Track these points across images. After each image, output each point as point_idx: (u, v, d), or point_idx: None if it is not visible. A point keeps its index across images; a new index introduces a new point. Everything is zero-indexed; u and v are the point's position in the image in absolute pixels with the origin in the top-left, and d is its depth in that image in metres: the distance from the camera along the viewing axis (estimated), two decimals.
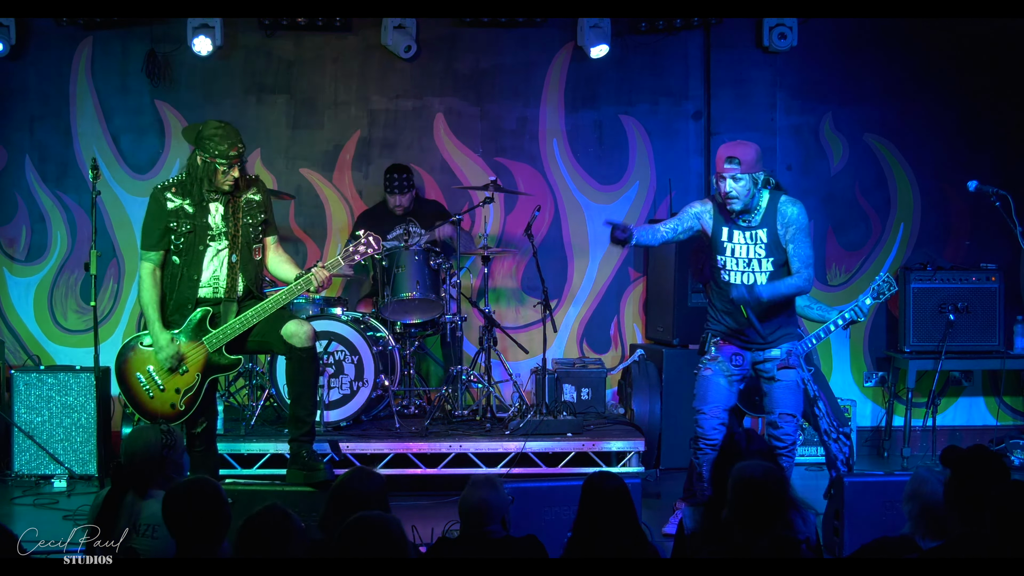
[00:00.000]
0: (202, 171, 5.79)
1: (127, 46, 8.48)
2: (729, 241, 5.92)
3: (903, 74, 8.66)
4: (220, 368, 5.93)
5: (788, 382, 5.97)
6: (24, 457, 7.50)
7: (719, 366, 6.00)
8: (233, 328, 5.84)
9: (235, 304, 5.88)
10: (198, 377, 5.89)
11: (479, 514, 4.28)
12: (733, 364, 5.99)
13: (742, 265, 5.91)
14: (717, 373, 5.99)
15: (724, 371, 5.99)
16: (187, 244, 5.85)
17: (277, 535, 3.57)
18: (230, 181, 5.80)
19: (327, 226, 8.69)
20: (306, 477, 5.79)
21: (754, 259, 5.89)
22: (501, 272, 8.73)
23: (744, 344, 5.99)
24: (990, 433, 8.31)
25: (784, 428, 5.97)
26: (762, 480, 3.93)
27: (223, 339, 5.85)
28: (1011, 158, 8.53)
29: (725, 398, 5.98)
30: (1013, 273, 8.50)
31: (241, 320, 5.83)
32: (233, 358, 5.91)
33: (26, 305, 8.52)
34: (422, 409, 7.95)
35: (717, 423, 5.96)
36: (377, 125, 8.71)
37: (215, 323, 5.87)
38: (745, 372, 6.05)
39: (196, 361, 5.87)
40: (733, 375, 6.00)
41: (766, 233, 5.88)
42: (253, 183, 6.01)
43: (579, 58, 8.60)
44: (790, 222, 5.85)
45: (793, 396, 5.98)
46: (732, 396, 6.02)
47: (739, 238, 5.90)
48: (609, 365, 8.51)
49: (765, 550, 3.79)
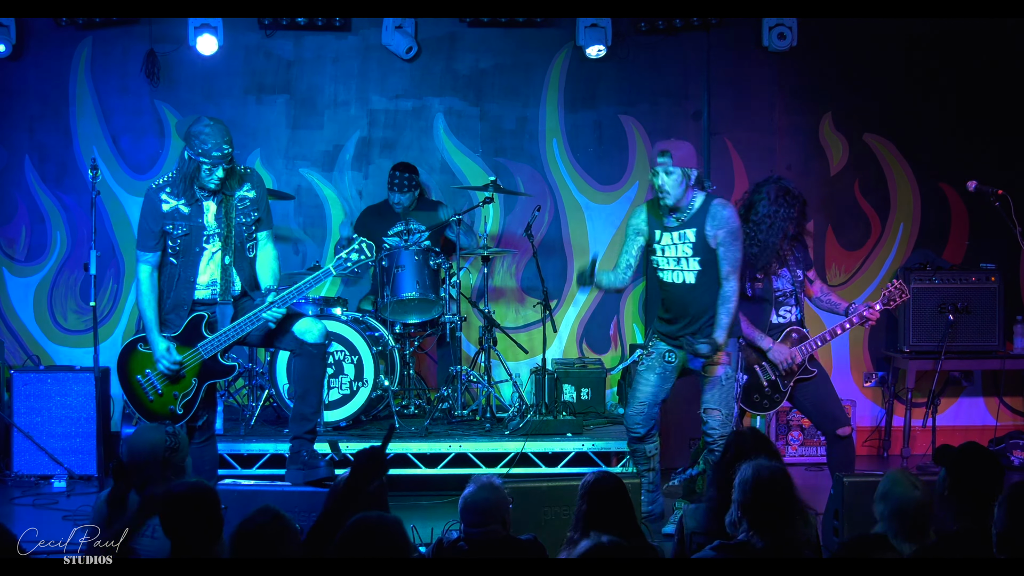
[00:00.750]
0: (188, 167, 5.73)
1: (127, 46, 8.48)
2: (658, 242, 6.14)
3: (903, 74, 8.65)
4: (216, 374, 5.92)
5: (713, 378, 6.09)
6: (24, 457, 7.50)
7: (651, 361, 6.26)
8: (227, 336, 5.83)
9: (231, 307, 5.87)
10: (194, 382, 5.88)
11: (479, 513, 4.28)
12: (666, 360, 6.23)
13: (672, 264, 6.13)
14: (649, 369, 6.25)
15: (657, 367, 6.24)
16: (184, 246, 5.82)
17: (271, 537, 3.57)
18: (215, 181, 5.72)
19: (326, 226, 8.69)
20: (306, 476, 5.79)
21: (682, 257, 6.09)
22: (501, 272, 8.73)
23: (675, 344, 6.20)
24: (990, 433, 8.30)
25: (709, 423, 6.12)
26: (772, 480, 3.93)
27: (218, 346, 5.84)
28: (1011, 158, 8.52)
29: (654, 393, 6.23)
30: (1013, 273, 8.51)
31: (235, 327, 5.82)
32: (228, 364, 5.90)
33: (26, 305, 8.52)
34: (422, 409, 7.95)
35: (642, 417, 6.23)
36: (377, 125, 8.71)
37: (212, 328, 5.85)
38: (679, 367, 6.27)
39: (192, 366, 5.86)
40: (667, 371, 6.24)
41: (694, 233, 6.06)
42: (247, 178, 5.92)
43: (579, 58, 8.60)
44: (721, 223, 6.01)
45: (719, 391, 6.09)
46: (663, 391, 6.26)
47: (667, 239, 6.11)
48: (609, 365, 8.51)
49: (772, 550, 3.79)
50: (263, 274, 5.95)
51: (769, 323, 6.50)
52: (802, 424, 8.13)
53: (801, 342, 6.47)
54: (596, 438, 7.40)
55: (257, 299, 5.84)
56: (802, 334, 6.49)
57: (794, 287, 6.55)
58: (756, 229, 6.33)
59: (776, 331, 6.49)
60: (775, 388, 6.51)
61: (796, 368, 6.45)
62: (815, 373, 6.52)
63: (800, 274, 6.58)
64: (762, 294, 6.48)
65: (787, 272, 6.54)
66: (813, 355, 6.52)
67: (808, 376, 6.50)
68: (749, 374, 6.49)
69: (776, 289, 6.52)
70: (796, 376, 6.48)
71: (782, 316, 6.54)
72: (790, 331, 6.49)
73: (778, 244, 6.36)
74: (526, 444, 7.22)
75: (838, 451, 6.50)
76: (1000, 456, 8.01)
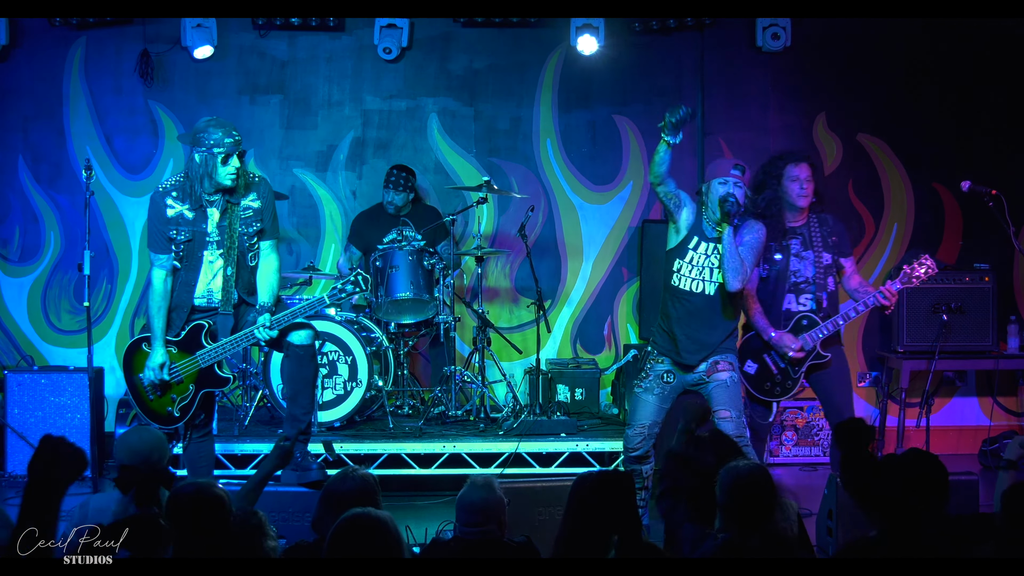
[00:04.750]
0: (201, 167, 5.71)
1: (120, 46, 8.47)
2: (694, 250, 5.95)
3: (896, 74, 8.66)
4: (212, 383, 5.94)
5: (718, 382, 5.99)
6: (18, 458, 7.50)
7: (650, 383, 6.10)
8: (225, 348, 5.86)
9: (231, 317, 5.88)
10: (192, 388, 5.89)
11: (475, 513, 4.28)
12: (664, 381, 6.08)
13: (695, 272, 5.95)
14: (647, 391, 6.10)
15: (656, 388, 6.09)
16: (187, 251, 5.83)
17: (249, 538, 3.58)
18: (231, 172, 5.71)
19: (320, 227, 8.69)
20: (299, 478, 5.79)
21: (707, 268, 5.91)
22: (495, 272, 8.73)
23: (676, 362, 6.04)
24: (983, 433, 8.32)
25: (723, 427, 5.83)
26: (752, 478, 3.93)
27: (215, 357, 5.85)
28: (1004, 158, 8.54)
29: (654, 414, 6.08)
30: (1006, 273, 8.52)
31: (232, 342, 5.86)
32: (224, 376, 5.93)
33: (19, 306, 8.51)
34: (416, 409, 7.95)
35: (641, 439, 6.08)
36: (371, 125, 8.71)
37: (212, 337, 5.86)
38: (679, 388, 6.12)
39: (190, 373, 5.87)
40: (665, 391, 6.10)
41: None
42: (254, 187, 5.91)
43: (573, 58, 8.60)
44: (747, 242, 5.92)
45: (726, 392, 5.97)
46: (662, 412, 6.10)
47: (703, 249, 5.94)
48: (603, 365, 8.51)
49: (758, 549, 3.79)
50: (261, 287, 5.93)
51: (788, 310, 6.38)
52: (796, 424, 8.14)
53: (811, 328, 6.34)
54: (590, 438, 7.40)
55: (252, 314, 5.86)
56: (812, 320, 6.34)
57: (817, 273, 6.36)
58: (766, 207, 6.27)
59: (791, 318, 6.37)
60: (786, 376, 6.40)
61: (806, 355, 6.35)
62: (828, 358, 6.37)
63: (828, 258, 6.39)
64: (777, 275, 6.36)
65: (811, 254, 6.39)
66: (832, 339, 6.37)
67: (822, 362, 6.37)
68: (759, 362, 6.44)
69: (795, 271, 6.37)
70: (808, 362, 6.37)
71: (802, 304, 6.39)
72: (800, 318, 6.35)
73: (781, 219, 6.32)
74: (520, 444, 7.22)
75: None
76: (994, 456, 8.03)
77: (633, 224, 8.68)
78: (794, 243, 6.39)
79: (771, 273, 6.38)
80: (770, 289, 6.40)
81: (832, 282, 6.44)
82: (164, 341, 5.82)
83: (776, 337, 6.35)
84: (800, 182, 6.34)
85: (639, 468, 6.16)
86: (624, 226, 8.73)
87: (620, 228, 8.74)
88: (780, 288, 6.39)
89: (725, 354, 6.01)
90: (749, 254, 5.89)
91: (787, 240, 6.39)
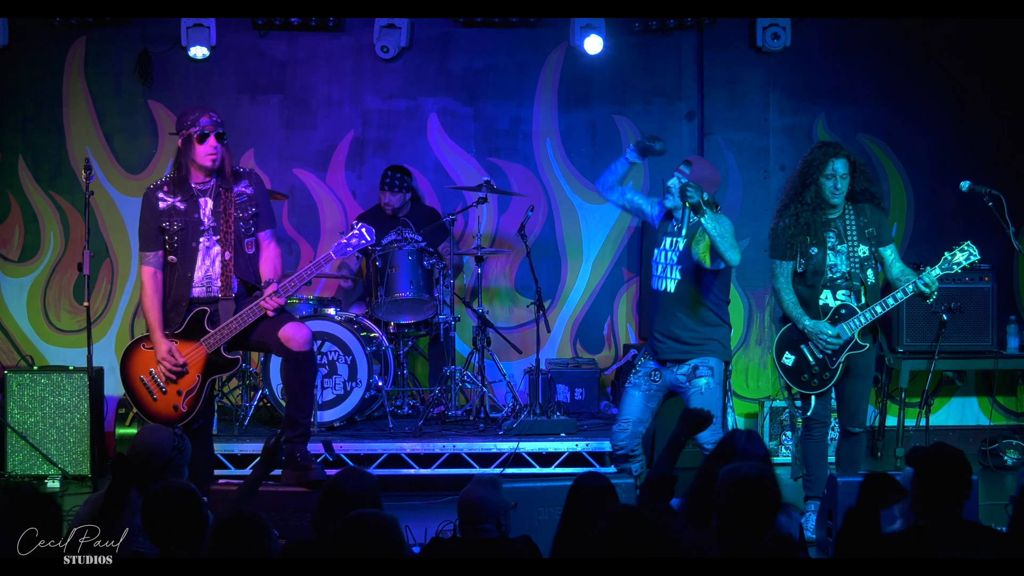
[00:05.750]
0: (183, 152, 5.75)
1: (120, 46, 8.48)
2: (659, 248, 6.22)
3: (896, 74, 8.67)
4: (220, 368, 5.88)
5: (693, 389, 6.10)
6: (17, 458, 7.48)
7: (638, 379, 6.26)
8: (230, 328, 5.80)
9: (232, 302, 5.85)
10: (199, 378, 5.85)
11: (474, 511, 4.28)
12: (651, 379, 6.23)
13: (659, 271, 6.19)
14: (635, 386, 6.25)
15: (642, 384, 6.24)
16: (180, 242, 5.81)
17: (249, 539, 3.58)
18: (210, 152, 5.71)
19: (320, 226, 8.69)
20: (299, 478, 5.78)
21: (668, 265, 6.15)
22: (495, 272, 8.73)
23: (658, 359, 6.21)
24: (983, 433, 8.32)
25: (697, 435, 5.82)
26: (758, 480, 3.90)
27: (221, 339, 5.82)
28: (1004, 158, 8.54)
29: (639, 411, 6.21)
30: (1006, 273, 8.52)
31: (237, 318, 5.78)
32: (232, 357, 5.88)
33: (19, 305, 8.51)
34: (415, 409, 7.95)
35: (626, 435, 6.19)
36: (371, 125, 8.71)
37: (213, 322, 5.84)
38: (664, 387, 6.24)
39: (196, 362, 5.85)
40: (651, 389, 6.23)
41: (682, 242, 6.11)
42: (244, 176, 5.92)
43: (572, 58, 8.61)
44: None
45: (701, 400, 6.01)
46: (648, 410, 6.24)
47: (665, 244, 6.19)
48: (602, 365, 8.52)
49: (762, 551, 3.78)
50: (265, 269, 5.93)
51: (826, 306, 6.22)
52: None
53: (849, 318, 6.17)
54: (590, 438, 7.41)
55: (257, 293, 5.85)
56: (851, 309, 6.16)
57: (852, 267, 6.20)
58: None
59: (827, 312, 6.21)
60: (824, 366, 6.23)
61: (844, 345, 6.18)
62: (866, 347, 6.22)
63: (866, 250, 6.22)
64: (813, 269, 6.21)
65: (845, 248, 6.21)
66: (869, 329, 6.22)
67: (860, 351, 6.21)
68: (796, 353, 6.27)
69: (831, 266, 6.21)
70: (847, 352, 6.20)
71: (838, 300, 6.23)
72: (839, 307, 6.18)
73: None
74: (520, 444, 7.23)
75: (845, 448, 6.41)
76: (993, 456, 8.04)
77: (633, 224, 8.68)
78: (830, 236, 6.24)
79: (807, 267, 6.23)
80: (808, 283, 6.27)
81: (872, 274, 6.25)
82: (164, 333, 5.81)
83: (811, 324, 6.21)
84: (835, 179, 6.21)
85: (627, 468, 6.20)
86: (624, 226, 8.74)
87: (620, 228, 8.75)
88: (817, 283, 6.24)
89: (704, 357, 6.11)
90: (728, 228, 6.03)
91: (824, 232, 6.24)
